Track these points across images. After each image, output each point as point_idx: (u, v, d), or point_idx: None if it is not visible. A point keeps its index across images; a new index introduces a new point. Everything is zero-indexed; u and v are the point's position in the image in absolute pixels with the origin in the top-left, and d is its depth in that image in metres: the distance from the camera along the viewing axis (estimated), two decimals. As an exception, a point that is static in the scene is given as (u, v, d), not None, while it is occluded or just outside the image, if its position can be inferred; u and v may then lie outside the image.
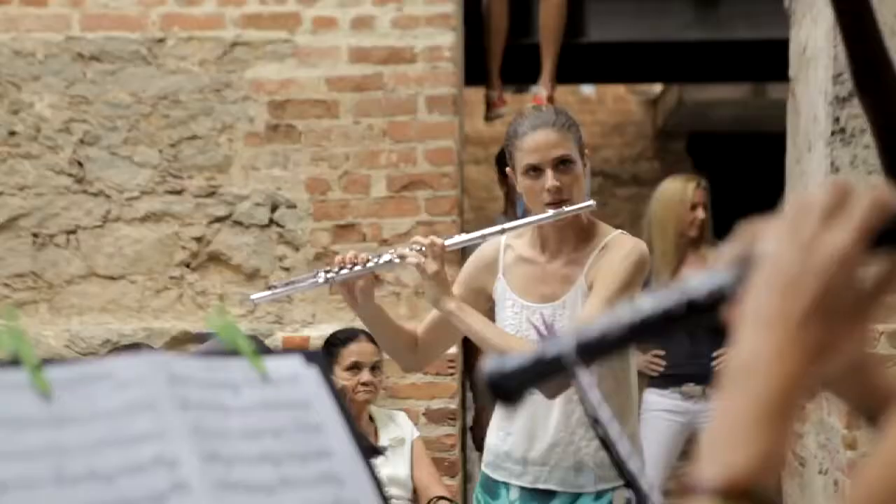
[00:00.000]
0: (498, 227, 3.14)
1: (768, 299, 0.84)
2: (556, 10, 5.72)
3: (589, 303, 2.99)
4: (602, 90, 9.41)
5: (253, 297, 3.18)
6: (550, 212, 3.02)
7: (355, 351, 4.24)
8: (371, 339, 4.34)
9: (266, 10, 4.95)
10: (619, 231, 3.13)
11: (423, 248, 2.97)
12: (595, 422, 1.78)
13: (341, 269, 2.98)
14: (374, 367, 4.28)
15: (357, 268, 2.97)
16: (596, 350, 0.98)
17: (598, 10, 5.99)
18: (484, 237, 3.12)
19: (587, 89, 9.37)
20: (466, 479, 5.47)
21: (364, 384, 4.20)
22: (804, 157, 4.56)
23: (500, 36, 5.79)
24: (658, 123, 9.41)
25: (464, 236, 3.11)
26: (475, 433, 5.21)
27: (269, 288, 3.14)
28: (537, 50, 5.82)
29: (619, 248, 3.05)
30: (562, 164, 3.03)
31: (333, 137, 4.93)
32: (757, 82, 8.16)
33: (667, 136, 9.48)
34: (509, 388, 0.99)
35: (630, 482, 1.57)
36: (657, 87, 9.27)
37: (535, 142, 3.04)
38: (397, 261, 2.99)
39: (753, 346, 0.84)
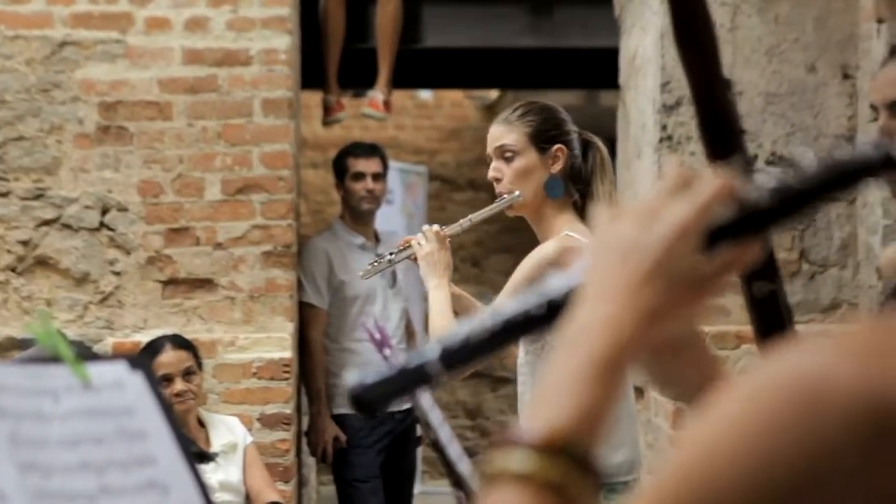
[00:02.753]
0: (466, 219, 3.22)
1: (606, 265, 0.86)
2: (393, 16, 5.74)
3: None
4: (439, 95, 9.47)
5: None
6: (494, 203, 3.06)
7: (163, 363, 4.13)
8: (177, 345, 4.25)
9: (97, 10, 4.84)
10: (565, 233, 2.92)
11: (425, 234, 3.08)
12: (426, 426, 1.80)
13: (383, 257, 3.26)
14: (187, 373, 4.19)
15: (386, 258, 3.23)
16: (461, 357, 0.99)
17: (434, 16, 6.03)
18: (461, 226, 3.18)
19: (425, 94, 9.42)
20: (301, 483, 5.44)
21: (178, 395, 4.09)
22: (634, 163, 4.67)
23: (337, 40, 5.78)
24: (494, 129, 9.50)
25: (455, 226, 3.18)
26: (310, 438, 5.18)
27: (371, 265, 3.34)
28: (374, 55, 5.83)
29: (526, 259, 2.91)
30: (504, 154, 3.04)
31: (166, 140, 4.85)
32: (589, 89, 8.32)
33: (503, 141, 9.58)
34: (371, 400, 1.00)
35: (459, 483, 1.58)
36: (493, 93, 9.37)
37: (488, 136, 3.11)
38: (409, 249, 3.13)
39: (587, 314, 0.85)
